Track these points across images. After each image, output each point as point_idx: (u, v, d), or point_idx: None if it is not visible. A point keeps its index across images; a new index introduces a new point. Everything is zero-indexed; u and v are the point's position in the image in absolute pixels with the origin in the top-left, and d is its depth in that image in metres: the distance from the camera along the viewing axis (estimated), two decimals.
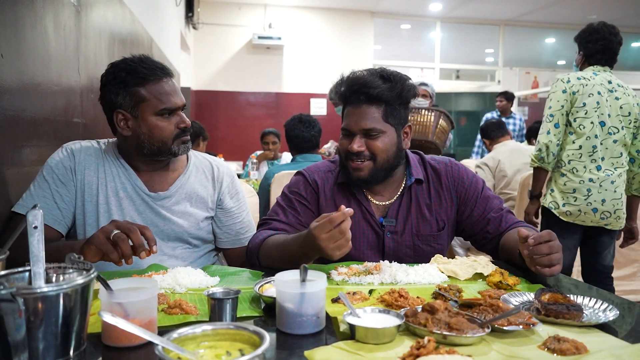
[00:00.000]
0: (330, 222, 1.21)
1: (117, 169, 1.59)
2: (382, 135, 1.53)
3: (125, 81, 1.48)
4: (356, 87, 1.53)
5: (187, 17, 7.08)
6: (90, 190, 1.55)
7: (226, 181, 1.72)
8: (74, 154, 1.56)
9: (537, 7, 8.70)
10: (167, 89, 1.51)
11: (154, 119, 1.50)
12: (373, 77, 1.54)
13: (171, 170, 1.65)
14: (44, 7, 1.68)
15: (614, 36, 2.75)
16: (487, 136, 4.07)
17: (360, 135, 1.53)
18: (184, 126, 1.54)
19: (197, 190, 1.66)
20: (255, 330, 0.76)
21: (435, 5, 8.85)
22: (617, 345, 0.92)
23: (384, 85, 1.52)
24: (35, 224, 0.83)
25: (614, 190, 2.66)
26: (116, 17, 2.74)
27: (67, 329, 0.80)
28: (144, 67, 1.49)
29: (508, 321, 0.96)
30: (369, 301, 1.16)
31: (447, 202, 1.65)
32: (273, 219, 1.62)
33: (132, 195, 1.58)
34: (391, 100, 1.53)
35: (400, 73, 1.59)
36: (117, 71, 1.50)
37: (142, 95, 1.48)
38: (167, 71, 1.54)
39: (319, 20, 8.85)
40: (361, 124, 1.53)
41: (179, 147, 1.56)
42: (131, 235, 1.23)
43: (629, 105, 2.71)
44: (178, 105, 1.53)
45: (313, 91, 8.74)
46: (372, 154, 1.54)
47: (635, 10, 8.86)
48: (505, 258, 1.56)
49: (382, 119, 1.53)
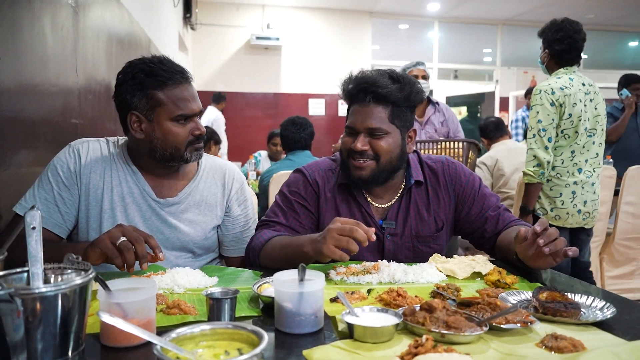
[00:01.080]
0: (357, 224, 1.25)
1: (125, 173, 1.55)
2: (387, 136, 1.52)
3: (143, 83, 1.44)
4: (364, 86, 1.52)
5: (185, 18, 7.08)
6: (95, 194, 1.52)
7: (235, 187, 1.69)
8: (81, 155, 1.52)
9: (534, 6, 8.72)
10: (186, 95, 1.47)
11: (170, 124, 1.46)
12: (382, 77, 1.53)
13: (181, 176, 1.61)
14: (41, 8, 1.68)
15: (578, 34, 2.78)
16: (485, 136, 4.07)
17: (365, 134, 1.52)
18: (199, 133, 1.51)
19: (206, 198, 1.63)
20: (254, 329, 0.76)
21: (433, 5, 8.86)
22: (615, 342, 0.92)
23: (393, 85, 1.51)
24: (33, 225, 0.83)
25: (594, 192, 2.77)
26: (114, 17, 2.74)
27: (65, 329, 0.80)
28: (163, 70, 1.45)
29: (506, 319, 0.96)
30: (367, 300, 1.16)
31: (445, 201, 1.65)
32: (273, 221, 1.61)
33: (139, 200, 1.55)
34: (398, 101, 1.52)
35: (409, 76, 1.58)
36: (136, 71, 1.45)
37: (160, 99, 1.44)
38: (186, 76, 1.50)
39: (317, 20, 8.86)
40: (367, 123, 1.51)
41: (192, 154, 1.52)
42: (137, 245, 1.23)
43: (601, 104, 2.80)
44: (195, 112, 1.50)
45: (311, 91, 8.75)
46: (376, 154, 1.52)
47: (632, 10, 8.88)
48: (501, 256, 1.56)
49: (388, 120, 1.52)
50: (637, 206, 3.65)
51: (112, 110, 2.64)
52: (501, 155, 3.71)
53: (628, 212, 3.67)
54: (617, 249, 3.77)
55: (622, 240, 3.75)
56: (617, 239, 3.73)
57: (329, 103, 8.79)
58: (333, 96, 8.66)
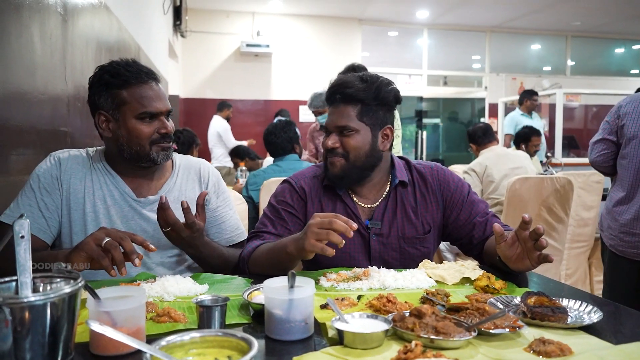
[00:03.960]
0: (336, 216, 1.26)
1: (104, 176, 1.58)
2: (356, 134, 1.58)
3: (108, 83, 1.48)
4: (335, 88, 1.60)
5: (175, 25, 7.08)
6: (76, 198, 1.54)
7: (212, 180, 1.72)
8: (61, 162, 1.55)
9: (522, 13, 8.82)
10: (150, 93, 1.50)
11: (134, 122, 1.49)
12: (352, 78, 1.61)
13: (158, 176, 1.64)
14: (30, 16, 1.67)
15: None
16: (474, 142, 4.09)
17: (336, 132, 1.59)
18: (164, 132, 1.52)
19: (185, 193, 1.65)
20: (244, 336, 0.77)
21: (422, 13, 8.94)
22: (601, 346, 0.93)
23: (360, 85, 1.58)
24: (22, 234, 0.82)
25: None
26: (103, 25, 2.74)
27: (54, 339, 0.80)
28: (127, 70, 1.49)
29: (494, 324, 0.97)
30: (357, 307, 1.16)
31: (432, 205, 1.67)
32: (262, 231, 1.63)
33: (120, 202, 1.57)
34: (366, 99, 1.58)
35: (383, 77, 1.64)
36: (102, 73, 1.50)
37: (123, 98, 1.48)
38: (152, 75, 1.53)
39: (306, 27, 8.90)
40: (336, 122, 1.58)
41: (158, 154, 1.53)
42: (123, 242, 1.23)
43: None
44: (160, 110, 1.51)
45: (302, 98, 8.74)
46: (345, 151, 1.58)
47: (618, 17, 9.01)
48: (489, 262, 1.58)
49: (357, 118, 1.58)
50: None
51: None
52: (490, 161, 3.74)
53: None
54: None
55: None
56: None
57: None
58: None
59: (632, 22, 9.30)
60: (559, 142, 6.55)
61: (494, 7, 8.52)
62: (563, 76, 10.40)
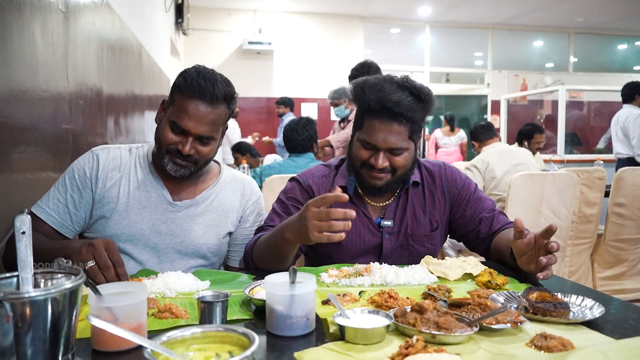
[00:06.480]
0: (323, 199, 1.23)
1: (143, 177, 1.59)
2: (405, 152, 1.53)
3: (176, 84, 1.54)
4: (389, 105, 1.47)
5: (176, 23, 7.08)
6: (109, 199, 1.54)
7: (253, 200, 1.72)
8: (99, 161, 1.57)
9: (525, 10, 8.79)
10: (191, 110, 1.47)
11: (166, 122, 1.52)
12: (404, 96, 1.48)
13: (201, 181, 1.65)
14: (31, 14, 1.67)
15: None
16: (476, 139, 4.10)
17: (385, 151, 1.52)
18: (181, 149, 1.49)
19: (224, 204, 1.65)
20: (244, 332, 0.77)
21: (424, 10, 8.91)
22: (603, 341, 0.93)
23: (417, 105, 1.49)
24: (23, 229, 0.82)
25: None
26: (105, 23, 2.74)
27: (55, 334, 0.80)
28: (192, 79, 1.49)
29: (496, 320, 0.97)
30: (358, 302, 1.16)
31: (440, 203, 1.68)
32: (269, 225, 1.62)
33: (155, 204, 1.57)
34: (420, 120, 1.53)
35: (428, 90, 1.53)
36: (180, 76, 1.55)
37: (174, 99, 1.52)
38: (210, 95, 1.47)
39: (309, 25, 8.89)
40: (389, 143, 1.49)
41: (169, 164, 1.52)
42: (105, 273, 1.22)
43: None
44: (189, 129, 1.48)
45: (304, 96, 8.76)
46: (393, 168, 1.54)
47: (621, 13, 8.98)
48: (496, 258, 1.58)
49: (408, 137, 1.52)
50: (627, 207, 3.67)
51: (103, 115, 2.63)
52: (492, 158, 3.74)
53: (618, 213, 3.69)
54: (608, 250, 3.80)
55: (613, 242, 3.77)
56: (607, 241, 3.76)
57: (322, 107, 8.80)
58: (325, 100, 8.67)
59: (635, 18, 9.26)
60: (561, 139, 6.53)
61: (496, 4, 8.49)
62: (566, 73, 10.36)
